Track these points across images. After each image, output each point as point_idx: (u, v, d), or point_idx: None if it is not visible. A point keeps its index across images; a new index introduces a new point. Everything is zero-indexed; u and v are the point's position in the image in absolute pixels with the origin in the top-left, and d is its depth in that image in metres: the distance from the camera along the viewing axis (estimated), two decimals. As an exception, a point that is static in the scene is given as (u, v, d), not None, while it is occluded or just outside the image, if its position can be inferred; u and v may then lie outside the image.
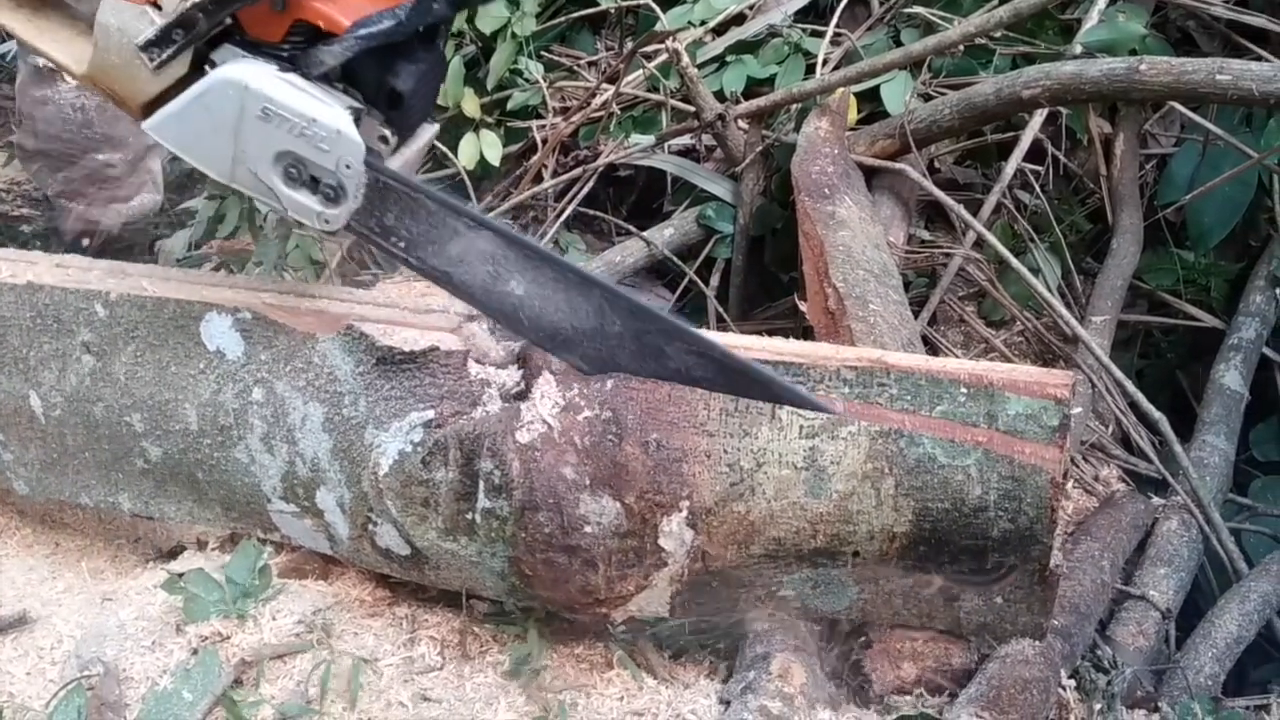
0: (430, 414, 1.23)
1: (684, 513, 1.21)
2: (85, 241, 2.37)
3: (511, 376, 1.24)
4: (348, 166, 1.18)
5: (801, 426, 1.20)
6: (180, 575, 1.34)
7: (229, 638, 1.29)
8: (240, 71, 1.17)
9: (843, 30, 2.42)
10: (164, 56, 1.18)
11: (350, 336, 1.27)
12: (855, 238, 1.81)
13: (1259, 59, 2.15)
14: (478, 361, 1.26)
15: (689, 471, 1.21)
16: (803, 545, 1.24)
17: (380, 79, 1.20)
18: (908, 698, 1.27)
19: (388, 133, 1.22)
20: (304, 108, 1.16)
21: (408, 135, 1.26)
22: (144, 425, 1.39)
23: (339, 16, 1.14)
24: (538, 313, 1.20)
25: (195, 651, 1.28)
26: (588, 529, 1.20)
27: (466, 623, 1.33)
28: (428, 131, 1.29)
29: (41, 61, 2.13)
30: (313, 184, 1.20)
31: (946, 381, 1.20)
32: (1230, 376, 2.13)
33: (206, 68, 1.19)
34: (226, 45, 1.19)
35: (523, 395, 1.22)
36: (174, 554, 1.51)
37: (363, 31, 1.15)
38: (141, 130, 1.23)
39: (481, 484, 1.21)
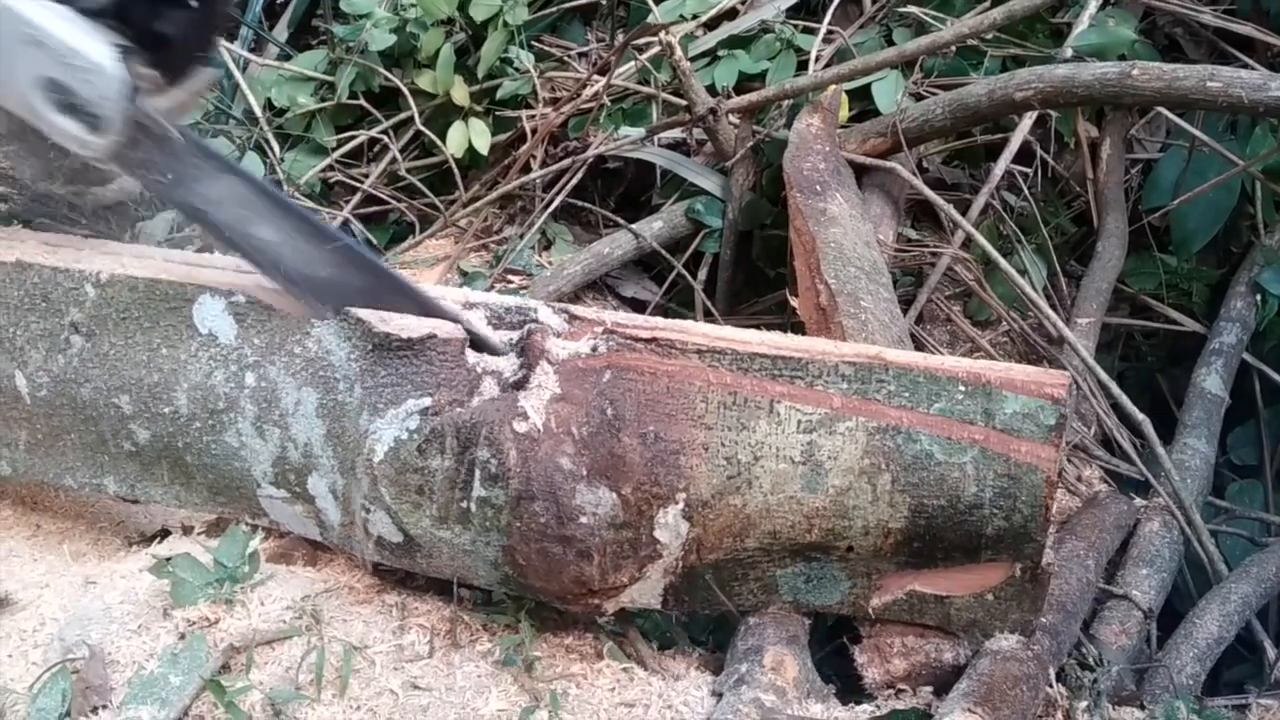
0: (427, 401, 1.22)
1: (680, 505, 1.21)
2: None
3: (510, 365, 1.24)
4: (108, 99, 1.22)
5: (800, 421, 1.20)
6: (168, 559, 1.32)
7: (217, 623, 1.27)
8: None
9: (835, 28, 2.42)
10: None
11: (346, 322, 1.26)
12: (846, 235, 1.81)
13: (1245, 67, 2.17)
14: (475, 350, 1.25)
15: (686, 464, 1.21)
16: (798, 539, 1.24)
17: (148, 21, 1.25)
18: (898, 693, 1.27)
19: (153, 73, 1.27)
20: (67, 38, 1.21)
21: (175, 78, 1.30)
22: (132, 407, 1.37)
23: None
24: (283, 257, 1.28)
25: (183, 636, 1.26)
26: (583, 519, 1.20)
27: (457, 611, 1.32)
28: (202, 76, 1.34)
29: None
30: (76, 111, 1.24)
31: (944, 379, 1.21)
32: (1211, 380, 2.16)
33: None
34: None
35: (521, 384, 1.21)
36: (157, 538, 1.50)
37: None
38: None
39: (477, 472, 1.20)
